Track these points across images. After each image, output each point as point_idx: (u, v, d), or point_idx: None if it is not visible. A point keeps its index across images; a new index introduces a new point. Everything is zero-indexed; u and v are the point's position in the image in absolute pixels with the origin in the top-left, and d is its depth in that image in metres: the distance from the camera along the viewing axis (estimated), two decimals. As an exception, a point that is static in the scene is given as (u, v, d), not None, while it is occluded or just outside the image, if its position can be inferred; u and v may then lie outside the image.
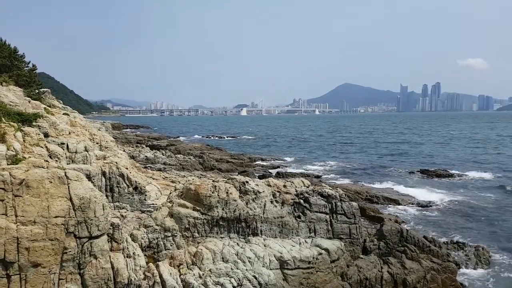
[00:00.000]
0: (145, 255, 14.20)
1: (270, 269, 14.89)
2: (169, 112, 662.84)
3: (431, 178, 43.58)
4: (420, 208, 31.21)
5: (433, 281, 17.68)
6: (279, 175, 40.27)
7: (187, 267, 14.24)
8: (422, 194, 35.51)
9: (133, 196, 21.97)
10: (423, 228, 25.92)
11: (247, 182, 17.83)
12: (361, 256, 18.33)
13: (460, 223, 27.35)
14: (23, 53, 32.02)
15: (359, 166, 53.01)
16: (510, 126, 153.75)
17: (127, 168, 23.05)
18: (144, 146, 61.91)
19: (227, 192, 16.67)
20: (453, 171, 46.57)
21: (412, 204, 32.17)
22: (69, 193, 11.39)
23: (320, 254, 16.26)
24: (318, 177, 43.30)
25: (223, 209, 16.24)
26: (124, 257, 12.64)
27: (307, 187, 19.36)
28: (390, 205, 31.90)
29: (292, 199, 18.10)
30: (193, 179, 30.06)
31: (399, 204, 32.18)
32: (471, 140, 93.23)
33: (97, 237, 11.67)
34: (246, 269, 14.46)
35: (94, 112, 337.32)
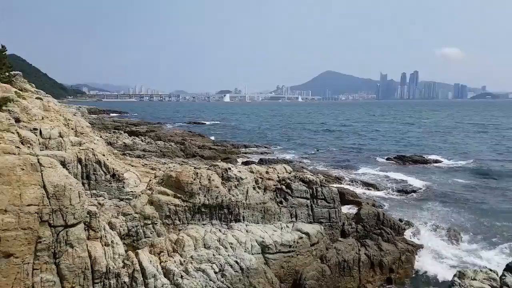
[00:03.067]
0: (124, 243, 13.96)
1: (252, 254, 14.95)
2: (149, 97, 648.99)
3: (407, 164, 44.69)
4: (396, 192, 32.06)
5: (407, 262, 18.27)
6: (262, 162, 40.34)
7: (168, 254, 14.11)
8: (398, 179, 36.44)
9: (110, 183, 21.48)
10: (399, 211, 26.63)
11: (229, 168, 17.72)
12: (340, 239, 18.67)
13: (434, 206, 28.24)
14: (-9, 34, 30.23)
15: (340, 153, 53.80)
16: (483, 114, 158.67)
17: (104, 155, 22.46)
18: (122, 132, 60.57)
19: (209, 179, 16.51)
20: (428, 157, 47.87)
21: (389, 188, 32.99)
22: (42, 180, 10.96)
23: (301, 238, 16.43)
24: (300, 163, 43.65)
25: (205, 196, 16.10)
26: (102, 246, 12.38)
27: (289, 173, 19.44)
28: (368, 190, 32.59)
29: (274, 185, 18.15)
30: (174, 166, 29.70)
31: (376, 188, 32.94)
32: (445, 128, 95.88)
33: (73, 225, 11.34)
34: (228, 255, 14.46)
35: (69, 97, 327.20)
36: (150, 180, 18.17)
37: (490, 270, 13.05)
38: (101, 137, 37.83)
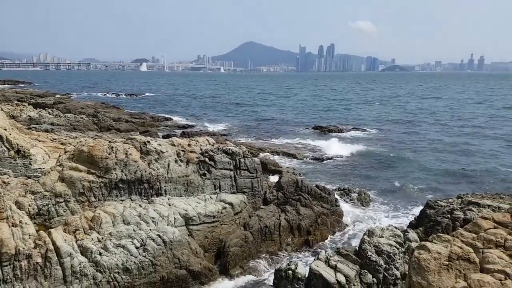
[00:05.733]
0: (35, 223, 12.97)
1: (175, 227, 14.95)
2: (56, 65, 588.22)
3: (323, 134, 47.72)
4: (313, 160, 34.22)
5: (323, 224, 19.90)
6: (184, 135, 39.60)
7: (84, 232, 13.45)
8: (315, 148, 38.87)
9: (15, 160, 19.47)
10: (315, 178, 28.60)
11: (148, 142, 17.16)
12: (262, 206, 19.57)
13: (347, 172, 30.86)
14: None
15: (262, 124, 55.22)
16: (397, 86, 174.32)
17: (6, 129, 20.16)
18: (26, 104, 54.31)
19: (126, 153, 15.84)
20: (342, 127, 51.61)
21: (307, 157, 35.06)
22: None
23: (225, 208, 16.85)
24: (223, 135, 43.84)
25: (122, 171, 15.46)
26: (9, 227, 11.38)
27: (212, 145, 19.49)
28: (288, 159, 34.25)
29: (197, 157, 18.08)
30: (86, 140, 27.72)
31: (296, 157, 34.75)
32: (357, 100, 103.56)
33: (-31, 208, 10.16)
34: (150, 229, 14.28)
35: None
36: (60, 156, 16.84)
37: (395, 228, 14.70)
38: (1, 109, 33.58)
